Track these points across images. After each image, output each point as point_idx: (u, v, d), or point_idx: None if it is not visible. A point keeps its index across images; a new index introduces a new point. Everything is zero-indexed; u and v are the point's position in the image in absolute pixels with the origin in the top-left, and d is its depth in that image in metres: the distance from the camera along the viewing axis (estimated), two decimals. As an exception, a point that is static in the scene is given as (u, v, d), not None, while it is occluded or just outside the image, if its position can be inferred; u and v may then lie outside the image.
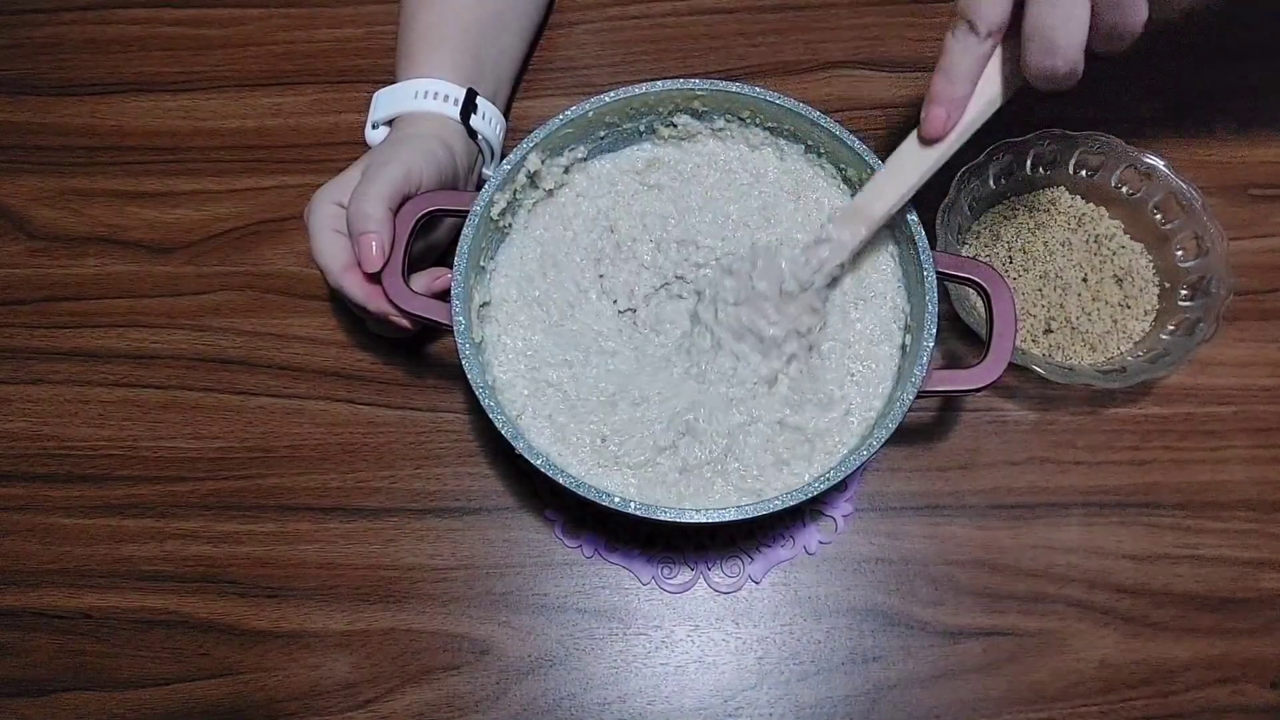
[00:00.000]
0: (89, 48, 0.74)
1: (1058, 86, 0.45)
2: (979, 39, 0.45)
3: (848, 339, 0.55)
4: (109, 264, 0.68)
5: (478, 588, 0.59)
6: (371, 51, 0.73)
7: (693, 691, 0.57)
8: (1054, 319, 0.62)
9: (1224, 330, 0.62)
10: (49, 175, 0.70)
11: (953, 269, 0.53)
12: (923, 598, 0.59)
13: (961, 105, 0.47)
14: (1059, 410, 0.63)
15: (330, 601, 0.59)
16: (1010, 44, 0.46)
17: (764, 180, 0.59)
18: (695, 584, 0.59)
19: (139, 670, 0.58)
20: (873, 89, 0.71)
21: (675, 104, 0.57)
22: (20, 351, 0.65)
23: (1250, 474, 0.61)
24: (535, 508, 0.61)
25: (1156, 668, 0.57)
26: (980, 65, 0.46)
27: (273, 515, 0.61)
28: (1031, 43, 0.43)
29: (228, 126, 0.71)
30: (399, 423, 0.63)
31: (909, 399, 0.50)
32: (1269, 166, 0.68)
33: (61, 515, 0.61)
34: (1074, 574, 0.59)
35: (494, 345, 0.55)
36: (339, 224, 0.55)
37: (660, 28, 0.74)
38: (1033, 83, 0.45)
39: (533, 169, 0.55)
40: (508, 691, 0.57)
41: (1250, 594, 0.58)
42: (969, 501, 0.60)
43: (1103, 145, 0.64)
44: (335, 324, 0.66)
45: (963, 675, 0.57)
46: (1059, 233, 0.64)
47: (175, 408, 0.64)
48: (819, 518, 0.61)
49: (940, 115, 0.47)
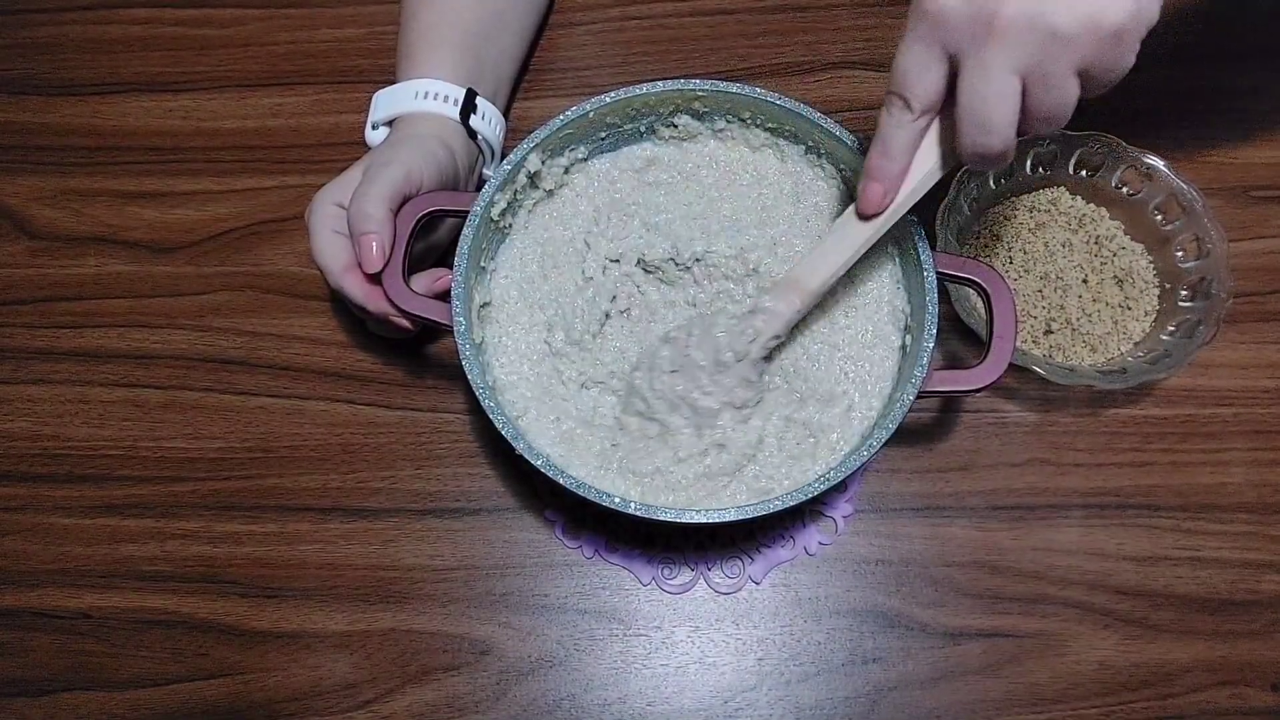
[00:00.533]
0: (89, 48, 0.74)
1: (991, 166, 0.45)
2: (913, 116, 0.45)
3: (847, 339, 0.55)
4: (109, 264, 0.68)
5: (478, 588, 0.59)
6: (372, 52, 0.73)
7: (693, 692, 0.57)
8: (1054, 320, 0.62)
9: (1224, 332, 0.62)
10: (49, 175, 0.70)
11: (953, 269, 0.53)
12: (923, 599, 0.59)
13: (898, 182, 0.47)
14: (1059, 411, 0.63)
15: (330, 602, 0.59)
16: (946, 118, 0.46)
17: (764, 181, 0.59)
18: (695, 585, 0.59)
19: (139, 670, 0.58)
20: (874, 90, 0.71)
21: (676, 105, 0.57)
22: (20, 351, 0.65)
23: (1250, 476, 0.61)
24: (535, 508, 0.61)
25: (1156, 670, 0.57)
26: (915, 141, 0.46)
27: (273, 515, 0.61)
28: (964, 122, 0.43)
29: (228, 127, 0.71)
30: (399, 423, 0.63)
31: (909, 399, 0.50)
32: (1269, 168, 0.68)
33: (61, 515, 0.61)
34: (1074, 576, 0.59)
35: (494, 346, 0.55)
36: (339, 224, 0.55)
37: (661, 28, 0.74)
38: (967, 161, 0.45)
39: (533, 169, 0.55)
40: (508, 692, 0.57)
41: (1250, 596, 0.58)
42: (969, 503, 0.60)
43: (1103, 145, 0.64)
44: (335, 324, 0.66)
45: (963, 677, 0.57)
46: (1059, 233, 0.64)
47: (175, 408, 0.64)
48: (819, 518, 0.61)
49: (878, 191, 0.47)
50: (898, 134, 0.46)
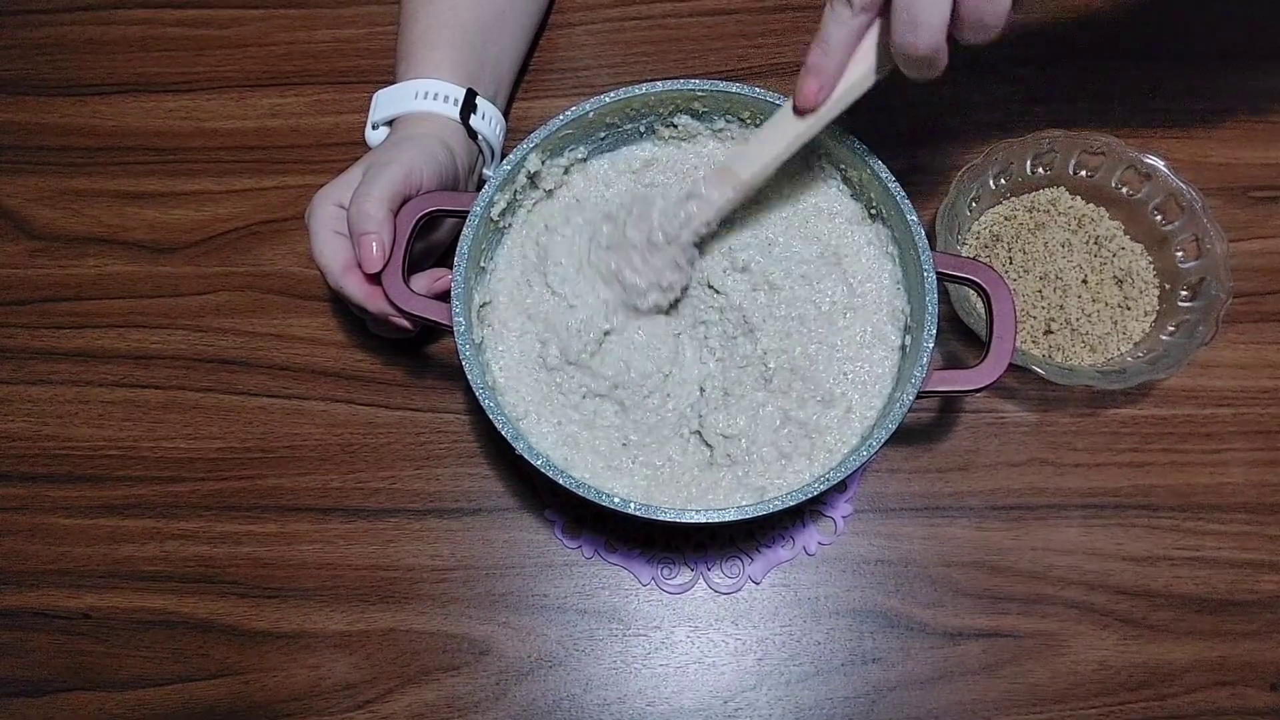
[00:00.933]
0: (89, 48, 0.74)
1: (922, 72, 0.46)
2: (852, 13, 0.46)
3: (846, 340, 0.55)
4: (109, 264, 0.68)
5: (477, 588, 0.59)
6: (371, 52, 0.73)
7: (692, 692, 0.57)
8: (1054, 320, 0.62)
9: (1224, 332, 0.62)
10: (49, 175, 0.70)
11: (953, 269, 0.53)
12: (922, 599, 0.59)
13: (834, 79, 0.49)
14: (1059, 411, 0.63)
15: (330, 602, 0.59)
16: (883, 25, 0.47)
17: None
18: (695, 585, 0.59)
19: (139, 670, 0.58)
20: (873, 90, 0.71)
21: (675, 105, 0.57)
22: (20, 351, 0.65)
23: (1250, 476, 0.61)
24: (535, 508, 0.61)
25: (1155, 670, 0.57)
26: (853, 40, 0.48)
27: (273, 515, 0.61)
28: (896, 18, 0.44)
29: (228, 127, 0.71)
30: (399, 423, 0.63)
31: (909, 400, 0.49)
32: (1269, 168, 0.68)
33: (61, 515, 0.61)
34: (1073, 576, 0.59)
35: (494, 346, 0.55)
36: (339, 225, 0.55)
37: (661, 28, 0.74)
38: (898, 63, 0.46)
39: (533, 169, 0.55)
40: (507, 692, 0.57)
41: (1249, 596, 0.58)
42: (968, 503, 0.60)
43: (1103, 145, 0.64)
44: (335, 324, 0.66)
45: (962, 677, 0.57)
46: (1059, 233, 0.64)
47: (175, 408, 0.64)
48: (819, 518, 0.61)
49: (814, 86, 0.49)
50: (837, 31, 0.47)
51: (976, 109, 0.70)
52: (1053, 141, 0.64)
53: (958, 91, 0.70)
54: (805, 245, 0.57)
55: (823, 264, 0.56)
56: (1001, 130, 0.69)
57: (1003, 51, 0.71)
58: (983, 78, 0.71)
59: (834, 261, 0.56)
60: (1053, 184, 0.66)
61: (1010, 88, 0.71)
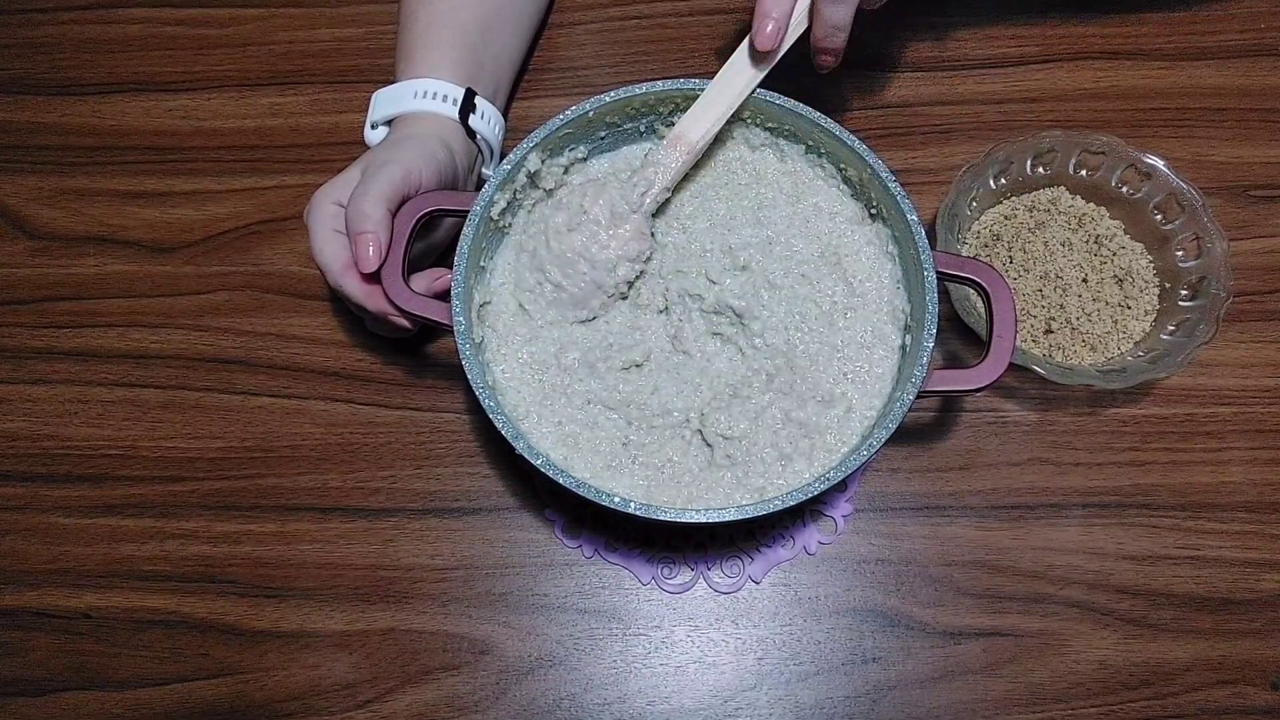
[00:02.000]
0: (89, 48, 0.74)
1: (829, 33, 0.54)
2: None
3: (846, 339, 0.55)
4: (109, 264, 0.68)
5: (477, 588, 0.59)
6: (371, 51, 0.73)
7: (692, 692, 0.57)
8: (1054, 319, 0.62)
9: (1224, 331, 0.62)
10: (49, 175, 0.70)
11: (953, 269, 0.53)
12: (923, 598, 0.59)
13: (786, 20, 0.54)
14: (1059, 411, 0.63)
15: (330, 601, 0.59)
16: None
17: (762, 180, 0.59)
18: (695, 584, 0.59)
19: (139, 670, 0.58)
20: (874, 90, 0.71)
21: (675, 104, 0.57)
22: (20, 351, 0.65)
23: (1250, 475, 0.61)
24: (535, 508, 0.61)
25: (1156, 669, 0.57)
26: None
27: (273, 515, 0.61)
28: None
29: (228, 126, 0.71)
30: (399, 423, 0.63)
31: (909, 399, 0.49)
32: (1269, 167, 0.68)
33: (61, 515, 0.61)
34: (1074, 575, 0.59)
35: (494, 345, 0.55)
36: (339, 224, 0.55)
37: (660, 28, 0.74)
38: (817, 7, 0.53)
39: (533, 169, 0.55)
40: (507, 692, 0.57)
41: (1250, 595, 0.58)
42: (969, 502, 0.60)
43: (1103, 145, 0.64)
44: (335, 324, 0.66)
45: (962, 676, 0.57)
46: (1059, 233, 0.64)
47: (175, 408, 0.64)
48: (819, 518, 0.61)
49: (772, 28, 0.53)
50: None
51: (977, 108, 0.70)
52: (1053, 141, 0.64)
53: (957, 90, 0.70)
54: (805, 245, 0.57)
55: (823, 263, 0.56)
56: (1001, 130, 0.69)
57: (1003, 51, 0.72)
58: (982, 77, 0.71)
59: (834, 261, 0.56)
60: (1053, 183, 0.66)
61: (1010, 87, 0.71)
